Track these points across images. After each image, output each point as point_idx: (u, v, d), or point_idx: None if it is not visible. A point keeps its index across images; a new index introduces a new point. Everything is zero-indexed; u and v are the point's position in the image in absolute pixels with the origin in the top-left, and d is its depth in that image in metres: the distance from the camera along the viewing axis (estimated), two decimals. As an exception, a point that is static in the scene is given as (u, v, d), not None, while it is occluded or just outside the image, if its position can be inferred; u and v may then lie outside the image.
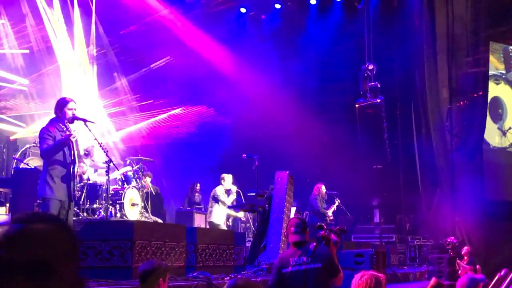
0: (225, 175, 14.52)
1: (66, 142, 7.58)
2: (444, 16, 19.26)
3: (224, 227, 14.41)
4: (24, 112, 17.22)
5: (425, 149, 19.94)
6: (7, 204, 12.38)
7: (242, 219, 16.27)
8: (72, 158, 7.64)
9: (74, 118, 7.86)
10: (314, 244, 6.24)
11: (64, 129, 7.71)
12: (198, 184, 16.25)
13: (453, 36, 19.14)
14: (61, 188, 7.55)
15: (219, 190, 14.28)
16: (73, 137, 7.60)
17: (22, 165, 11.92)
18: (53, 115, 8.02)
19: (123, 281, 6.16)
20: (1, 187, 11.88)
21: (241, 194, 14.70)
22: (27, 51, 17.27)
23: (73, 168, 7.63)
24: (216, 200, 14.27)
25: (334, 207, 15.37)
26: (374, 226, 19.12)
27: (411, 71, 20.34)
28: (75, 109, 7.84)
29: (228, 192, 14.44)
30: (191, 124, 20.00)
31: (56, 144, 7.55)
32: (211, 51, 20.07)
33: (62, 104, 7.89)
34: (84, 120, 8.23)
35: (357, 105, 18.11)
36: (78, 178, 7.86)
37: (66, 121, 7.75)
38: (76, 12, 17.90)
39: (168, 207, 16.56)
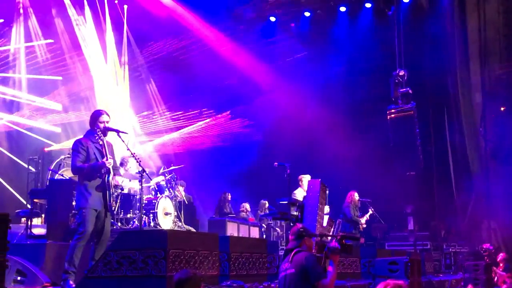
0: (303, 176, 13.76)
1: (100, 169, 7.69)
2: (476, 20, 19.05)
3: None
4: (59, 124, 17.50)
5: (459, 155, 19.71)
6: (43, 215, 12.56)
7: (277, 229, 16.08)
8: (107, 169, 7.73)
9: (107, 129, 7.96)
10: (296, 250, 6.27)
11: (97, 139, 7.81)
12: (229, 194, 16.26)
13: (486, 40, 18.93)
14: (97, 197, 7.65)
15: (299, 193, 13.55)
16: (109, 164, 7.70)
17: (57, 176, 12.08)
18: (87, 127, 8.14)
19: (157, 290, 6.22)
20: (37, 198, 12.04)
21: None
22: (60, 77, 17.60)
23: (108, 178, 7.72)
24: None
25: (367, 216, 15.27)
26: (408, 234, 18.93)
27: (443, 77, 20.14)
28: (107, 122, 7.93)
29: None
30: (223, 133, 20.09)
31: (90, 168, 7.68)
32: (241, 60, 20.14)
33: (95, 116, 8.00)
34: (117, 131, 8.33)
35: (388, 112, 17.96)
36: (113, 189, 7.95)
37: (98, 131, 7.84)
38: (108, 26, 18.17)
39: (201, 216, 16.63)
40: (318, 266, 6.10)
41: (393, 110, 17.75)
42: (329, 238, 6.52)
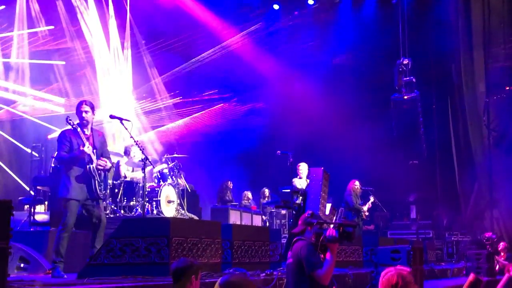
0: (300, 164, 13.38)
1: (80, 157, 7.70)
2: (480, 9, 18.98)
3: None
4: (61, 113, 17.49)
5: (462, 144, 19.70)
6: (46, 202, 12.59)
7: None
8: (87, 156, 7.73)
9: (111, 117, 7.99)
10: (296, 238, 6.13)
11: (87, 130, 7.84)
12: (231, 183, 16.27)
13: (490, 29, 18.85)
14: (78, 187, 7.67)
15: (297, 182, 13.22)
16: (88, 149, 7.69)
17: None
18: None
19: (160, 277, 6.22)
20: (40, 185, 12.06)
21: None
22: (63, 62, 17.58)
23: (89, 167, 7.74)
24: None
25: (369, 203, 15.27)
26: (410, 222, 18.97)
27: (447, 66, 20.10)
28: (86, 112, 7.91)
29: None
30: (225, 121, 20.08)
31: (71, 158, 7.72)
32: (245, 48, 20.09)
33: (77, 107, 8.03)
34: (120, 119, 8.32)
35: (392, 101, 17.93)
36: (101, 175, 7.92)
37: (84, 121, 7.87)
38: (111, 13, 18.10)
39: (204, 204, 16.65)
40: (314, 256, 5.86)
41: (397, 99, 17.72)
42: (326, 226, 6.36)
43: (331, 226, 6.06)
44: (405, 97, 17.46)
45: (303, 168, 13.17)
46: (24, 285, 4.98)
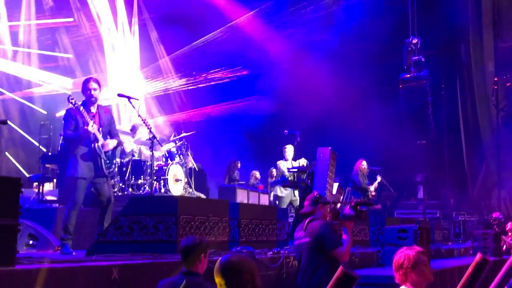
0: (286, 147, 13.62)
1: (85, 136, 7.68)
2: (490, -13, 18.84)
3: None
4: (69, 91, 17.52)
5: (471, 124, 19.64)
6: (54, 180, 12.66)
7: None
8: (92, 135, 7.72)
9: (119, 95, 7.97)
10: (310, 218, 6.25)
11: (93, 108, 7.83)
12: (238, 162, 16.29)
13: (499, 8, 18.70)
14: (84, 165, 7.68)
15: (282, 164, 13.57)
16: (92, 128, 7.68)
17: (68, 142, 12.10)
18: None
19: (167, 255, 6.26)
20: (48, 163, 12.12)
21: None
22: (71, 19, 17.50)
23: (95, 146, 7.74)
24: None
25: (376, 183, 15.26)
26: (417, 202, 18.97)
27: (456, 45, 19.97)
28: (94, 89, 7.87)
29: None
30: (234, 101, 20.06)
31: (77, 136, 7.71)
32: (253, 27, 20.00)
33: (83, 84, 7.99)
34: (128, 97, 8.32)
35: (400, 80, 17.85)
36: (108, 154, 7.93)
37: (92, 99, 7.85)
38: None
39: (211, 183, 16.70)
40: (333, 234, 6.07)
41: (405, 78, 17.64)
42: (341, 205, 6.49)
43: (341, 205, 6.22)
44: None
45: (289, 150, 13.28)
46: (33, 262, 5.02)
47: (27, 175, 13.88)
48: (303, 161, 12.95)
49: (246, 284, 3.17)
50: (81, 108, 7.71)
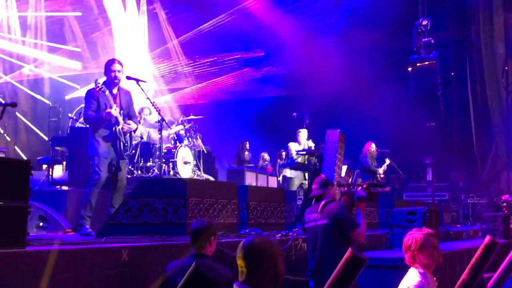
0: (300, 131, 13.29)
1: (105, 120, 7.68)
2: (501, -32, 18.67)
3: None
4: (78, 72, 17.55)
5: (480, 105, 19.54)
6: (64, 162, 12.70)
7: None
8: (114, 118, 7.72)
9: (127, 78, 7.96)
10: (325, 201, 6.33)
11: (114, 90, 7.81)
12: (247, 143, 16.29)
13: (510, -11, 18.56)
14: (105, 147, 7.70)
15: (292, 146, 13.31)
16: (115, 112, 7.67)
17: (77, 124, 12.15)
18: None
19: (176, 237, 6.28)
20: (58, 146, 12.14)
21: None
22: (80, 13, 17.52)
23: (116, 128, 7.74)
24: None
25: (384, 166, 15.22)
26: (426, 184, 18.94)
27: (466, 26, 19.82)
28: (118, 71, 7.86)
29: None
30: (243, 83, 20.02)
31: (97, 119, 7.70)
32: (262, 9, 19.89)
33: (107, 65, 7.96)
34: (137, 80, 8.31)
35: (410, 62, 17.76)
36: (126, 137, 7.94)
37: (115, 80, 7.82)
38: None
39: (220, 166, 16.73)
40: (350, 216, 6.24)
41: (415, 60, 17.56)
42: (353, 187, 6.58)
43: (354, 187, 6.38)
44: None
45: (303, 134, 13.17)
46: (43, 244, 5.05)
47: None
48: (310, 143, 12.94)
49: (267, 270, 3.09)
50: (107, 91, 7.70)
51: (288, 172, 13.94)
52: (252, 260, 3.11)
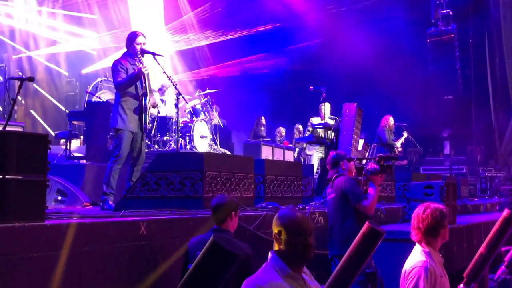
0: (323, 105, 12.82)
1: (139, 76, 7.62)
2: None
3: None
4: (94, 46, 17.56)
5: (499, 79, 19.34)
6: (81, 137, 12.78)
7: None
8: (144, 90, 7.73)
9: (143, 52, 7.91)
10: (335, 175, 6.45)
11: (137, 62, 7.77)
12: (263, 118, 16.27)
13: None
14: (133, 120, 7.65)
15: (315, 121, 13.25)
16: (146, 70, 7.65)
17: (94, 99, 12.19)
18: (123, 50, 8.10)
19: (194, 210, 6.32)
20: (75, 120, 12.19)
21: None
22: (95, 16, 17.52)
23: (145, 101, 7.73)
24: None
25: (402, 139, 15.14)
26: (444, 158, 18.87)
27: (485, -1, 19.56)
28: (143, 44, 7.85)
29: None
30: (258, 57, 19.93)
31: (129, 78, 7.60)
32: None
33: (131, 38, 7.92)
34: (153, 54, 8.27)
35: (428, 34, 17.57)
36: (150, 111, 7.95)
37: (138, 53, 7.80)
38: None
39: (236, 140, 16.74)
40: (357, 188, 6.24)
41: (433, 33, 17.38)
42: (366, 161, 6.58)
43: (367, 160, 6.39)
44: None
45: (326, 108, 12.98)
46: (62, 217, 5.10)
47: (53, 133, 14.01)
48: (329, 120, 12.84)
49: (299, 243, 3.14)
50: (138, 62, 7.68)
51: (306, 148, 13.91)
52: (289, 233, 3.14)
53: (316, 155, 13.63)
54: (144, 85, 7.75)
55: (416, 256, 4.37)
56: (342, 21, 19.66)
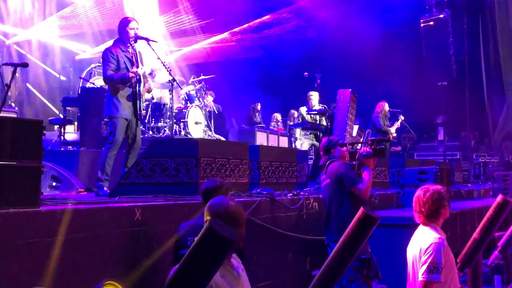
0: (311, 93, 13.02)
1: (130, 79, 7.61)
2: None
3: None
4: (87, 31, 17.44)
5: (493, 65, 19.37)
6: (75, 123, 12.74)
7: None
8: (138, 77, 7.69)
9: (137, 37, 7.86)
10: (329, 161, 6.51)
11: (128, 47, 7.74)
12: (259, 104, 16.27)
13: None
14: (127, 107, 7.63)
15: (303, 110, 13.10)
16: (141, 70, 7.61)
17: (88, 85, 12.15)
18: (116, 36, 8.05)
19: (189, 196, 6.32)
20: (69, 106, 12.14)
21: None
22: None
23: (139, 87, 7.70)
24: None
25: (397, 124, 15.13)
26: (438, 144, 18.92)
27: (480, -16, 19.54)
28: (136, 29, 7.78)
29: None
30: (253, 43, 19.88)
31: (120, 78, 7.57)
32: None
33: (124, 24, 7.85)
34: (147, 39, 8.23)
35: (422, 20, 17.56)
36: (144, 97, 7.93)
37: (131, 39, 7.76)
38: None
39: (231, 126, 16.74)
40: (352, 172, 6.32)
41: (427, 19, 17.36)
42: (360, 145, 6.64)
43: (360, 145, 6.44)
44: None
45: (314, 97, 12.97)
46: (57, 203, 5.10)
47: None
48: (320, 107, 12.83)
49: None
50: (131, 48, 7.64)
51: (298, 133, 13.91)
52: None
53: (307, 142, 13.61)
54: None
55: (430, 234, 4.46)
56: (336, 8, 19.61)
